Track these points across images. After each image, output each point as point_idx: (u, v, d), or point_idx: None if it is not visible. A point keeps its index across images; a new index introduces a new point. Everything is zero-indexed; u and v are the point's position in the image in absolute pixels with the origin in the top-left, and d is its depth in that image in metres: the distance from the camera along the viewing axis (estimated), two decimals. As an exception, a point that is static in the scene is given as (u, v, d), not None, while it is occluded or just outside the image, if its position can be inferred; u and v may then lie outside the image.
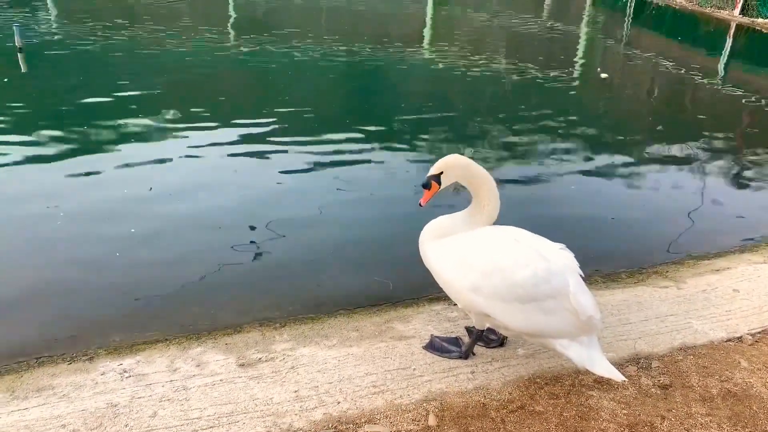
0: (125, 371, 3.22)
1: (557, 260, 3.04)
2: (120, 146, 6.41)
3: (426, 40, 13.47)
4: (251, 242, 4.75)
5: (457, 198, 5.25)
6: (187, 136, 6.77)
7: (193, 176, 5.88)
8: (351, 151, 6.73)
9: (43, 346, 3.50)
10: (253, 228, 4.94)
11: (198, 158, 6.28)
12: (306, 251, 4.72)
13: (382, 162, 6.49)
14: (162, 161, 6.11)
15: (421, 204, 3.23)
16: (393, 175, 6.20)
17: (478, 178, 3.16)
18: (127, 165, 5.98)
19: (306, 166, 6.23)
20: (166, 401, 3.00)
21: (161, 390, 3.08)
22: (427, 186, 3.20)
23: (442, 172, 3.17)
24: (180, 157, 6.27)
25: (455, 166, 3.18)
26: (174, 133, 6.80)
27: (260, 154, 6.40)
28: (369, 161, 6.48)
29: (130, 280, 4.22)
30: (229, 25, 13.09)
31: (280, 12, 15.21)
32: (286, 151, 6.54)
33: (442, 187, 3.22)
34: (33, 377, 3.19)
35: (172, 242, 4.75)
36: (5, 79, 8.33)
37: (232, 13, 14.39)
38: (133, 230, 4.83)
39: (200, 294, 4.12)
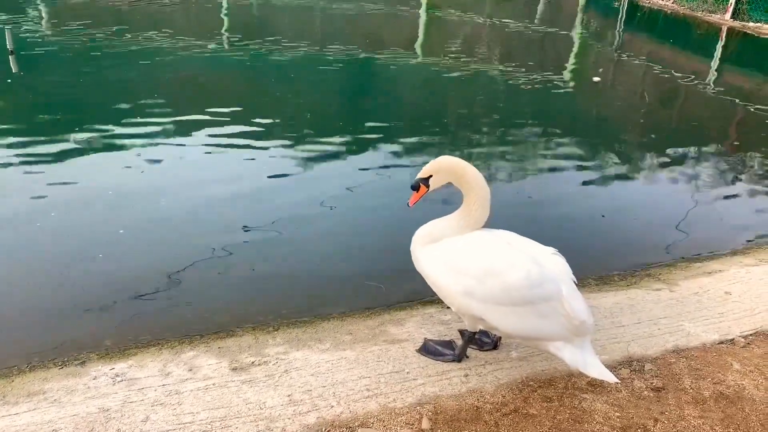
0: (117, 376, 3.20)
1: (550, 265, 3.05)
2: (110, 148, 6.37)
3: (419, 44, 13.48)
4: (244, 246, 4.74)
5: (451, 199, 5.28)
6: (179, 138, 6.75)
7: (184, 179, 5.86)
8: (343, 155, 6.73)
9: (34, 351, 3.48)
10: (246, 230, 4.93)
11: (190, 161, 6.27)
12: (299, 255, 4.71)
13: (374, 165, 6.48)
14: (153, 163, 6.08)
15: (410, 205, 3.26)
16: (385, 179, 6.20)
17: (469, 181, 3.14)
18: (116, 166, 5.94)
19: (298, 170, 6.22)
20: (159, 406, 2.98)
21: (153, 394, 3.06)
22: (415, 188, 3.22)
23: (431, 176, 3.19)
24: (171, 159, 6.24)
25: (444, 169, 3.18)
26: (166, 135, 6.78)
27: (251, 158, 6.39)
28: (361, 164, 6.47)
29: (122, 284, 4.20)
30: (222, 29, 13.06)
31: (274, 16, 15.20)
32: (278, 155, 6.53)
33: (431, 189, 3.23)
34: (24, 382, 3.17)
35: (162, 244, 4.73)
36: (8, 80, 8.31)
37: (225, 17, 14.37)
38: (121, 231, 4.81)
39: (193, 298, 4.10)
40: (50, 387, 3.12)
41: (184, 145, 6.60)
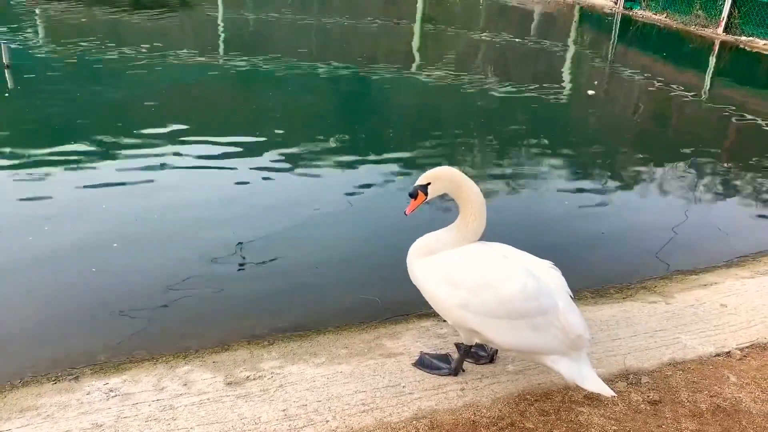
0: (111, 391, 3.18)
1: (546, 279, 3.05)
2: (104, 162, 6.36)
3: (414, 57, 13.56)
4: (239, 259, 4.73)
5: (447, 213, 5.30)
6: (172, 153, 6.72)
7: (177, 193, 5.84)
8: (337, 168, 6.73)
9: (27, 366, 3.45)
10: (240, 245, 4.92)
11: (183, 175, 6.24)
12: (294, 268, 4.70)
13: (369, 178, 6.48)
14: (146, 178, 6.05)
15: (406, 213, 3.24)
16: (380, 192, 6.20)
17: (466, 192, 3.16)
18: (110, 181, 5.92)
19: (293, 183, 6.23)
20: (153, 421, 2.96)
21: (148, 409, 3.04)
22: (413, 195, 3.20)
23: (429, 183, 3.18)
24: (164, 173, 6.22)
25: (444, 178, 3.18)
26: (160, 150, 6.77)
27: (246, 171, 6.38)
28: (355, 178, 6.47)
29: (116, 298, 4.18)
30: (218, 43, 13.11)
31: (269, 30, 15.26)
32: (272, 168, 6.53)
33: (429, 198, 3.21)
34: (17, 397, 3.14)
35: (157, 259, 4.71)
36: (6, 94, 8.31)
37: (221, 31, 14.43)
38: (115, 245, 4.79)
39: (188, 312, 4.08)
40: (43, 402, 3.09)
41: (179, 159, 6.58)
